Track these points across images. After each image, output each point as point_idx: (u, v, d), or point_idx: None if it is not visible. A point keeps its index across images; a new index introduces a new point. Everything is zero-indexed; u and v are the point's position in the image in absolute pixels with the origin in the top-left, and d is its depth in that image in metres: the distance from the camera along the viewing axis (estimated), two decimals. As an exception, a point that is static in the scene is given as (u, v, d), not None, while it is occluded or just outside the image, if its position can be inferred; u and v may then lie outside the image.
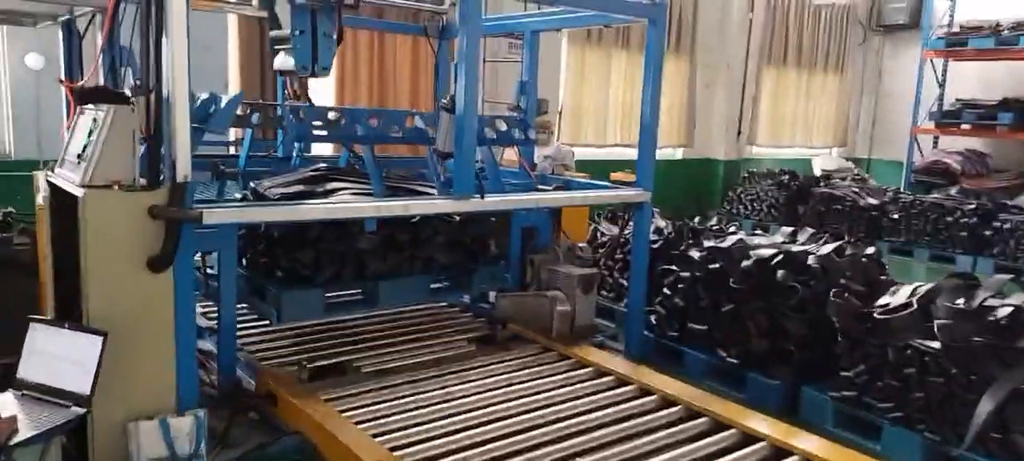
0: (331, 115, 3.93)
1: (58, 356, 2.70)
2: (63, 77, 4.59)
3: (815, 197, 10.06)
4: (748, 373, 4.45)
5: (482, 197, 3.88)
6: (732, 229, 5.77)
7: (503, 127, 4.55)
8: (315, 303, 4.11)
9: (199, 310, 4.61)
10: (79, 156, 2.94)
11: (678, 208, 11.57)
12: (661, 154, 11.31)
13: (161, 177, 2.96)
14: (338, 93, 8.11)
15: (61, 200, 2.90)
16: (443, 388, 3.92)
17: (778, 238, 5.31)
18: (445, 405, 3.70)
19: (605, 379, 4.15)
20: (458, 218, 4.58)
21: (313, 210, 3.43)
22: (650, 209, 4.82)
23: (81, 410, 2.64)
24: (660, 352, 5.02)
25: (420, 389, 3.89)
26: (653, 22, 4.58)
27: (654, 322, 5.11)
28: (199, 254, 4.44)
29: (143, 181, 2.96)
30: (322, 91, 8.22)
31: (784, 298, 4.39)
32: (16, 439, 2.47)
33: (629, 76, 10.70)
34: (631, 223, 4.95)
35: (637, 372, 4.17)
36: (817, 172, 12.06)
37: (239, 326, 4.54)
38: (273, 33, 3.56)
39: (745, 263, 4.56)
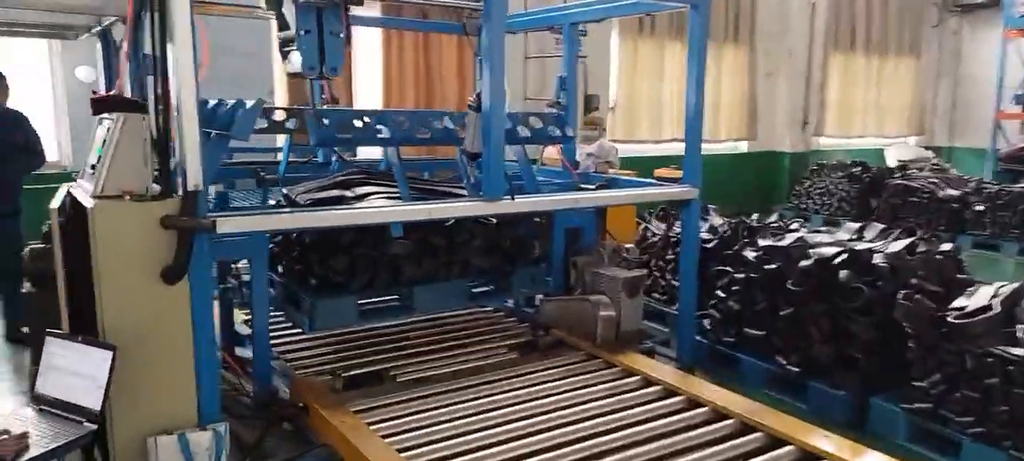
0: (356, 118, 3.79)
1: (72, 371, 2.64)
2: (103, 88, 4.61)
3: (889, 189, 9.47)
4: (810, 382, 4.11)
5: (512, 198, 3.68)
6: (794, 226, 5.41)
7: (538, 124, 4.33)
8: (348, 310, 3.98)
9: (242, 318, 4.61)
10: (93, 167, 2.88)
11: (743, 204, 11.11)
12: (723, 148, 11.05)
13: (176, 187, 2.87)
14: (384, 95, 8.06)
15: (77, 211, 2.83)
16: (479, 398, 3.74)
17: (843, 235, 4.94)
18: (479, 417, 3.51)
19: (652, 389, 3.89)
20: (494, 220, 4.40)
21: (330, 216, 3.30)
22: (698, 207, 4.53)
23: (92, 426, 2.56)
24: (715, 359, 4.72)
25: (455, 399, 3.71)
26: (695, 7, 4.30)
27: (708, 327, 4.81)
28: (237, 262, 4.45)
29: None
30: (369, 94, 8.20)
31: (848, 300, 4.04)
32: (25, 457, 2.40)
33: (684, 67, 10.29)
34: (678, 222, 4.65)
35: (687, 382, 3.90)
36: (891, 162, 11.40)
37: (281, 334, 4.52)
38: (281, 34, 3.44)
39: (804, 263, 4.22)
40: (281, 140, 6.09)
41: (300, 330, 4.46)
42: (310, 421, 3.55)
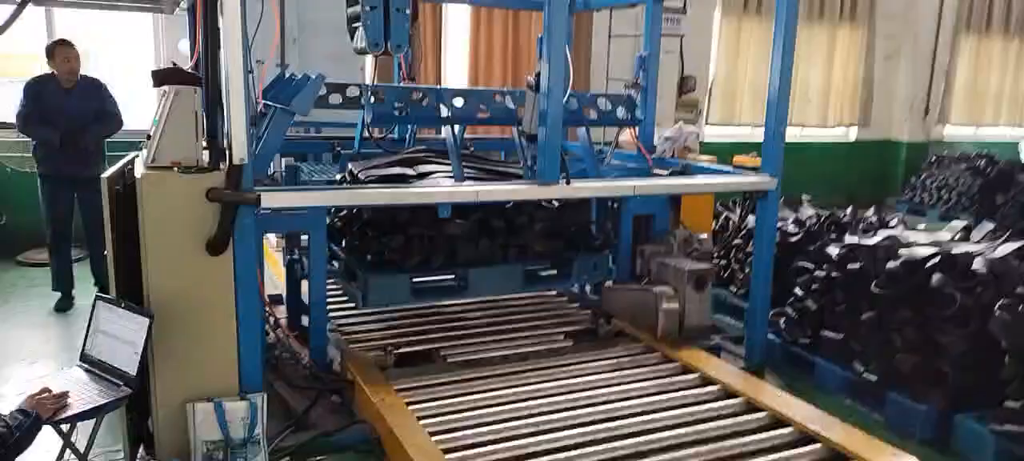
0: (415, 95, 3.74)
1: (116, 335, 2.75)
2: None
3: (1018, 185, 8.59)
4: (890, 393, 3.76)
5: (567, 182, 3.54)
6: (893, 222, 4.98)
7: (606, 106, 4.15)
8: (401, 289, 3.98)
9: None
10: (148, 138, 2.98)
11: (851, 196, 10.44)
12: (830, 135, 10.35)
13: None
14: (471, 73, 8.03)
15: (131, 180, 2.94)
16: (524, 385, 3.66)
17: (944, 234, 4.49)
18: (519, 405, 3.43)
19: (709, 389, 3.68)
20: (556, 204, 4.27)
21: (370, 194, 3.28)
22: (777, 197, 4.22)
23: (128, 390, 2.66)
24: (788, 361, 4.42)
25: (500, 385, 3.65)
26: (784, -20, 3.98)
27: (783, 326, 4.50)
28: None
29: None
30: (455, 72, 8.20)
31: (940, 308, 3.66)
32: (63, 415, 2.52)
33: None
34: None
35: (748, 384, 3.66)
36: (1024, 156, 10.35)
37: (345, 308, 4.58)
38: (349, 10, 3.41)
39: (892, 264, 3.86)
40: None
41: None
42: (355, 396, 3.58)
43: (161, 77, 3.07)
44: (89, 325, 2.85)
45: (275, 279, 4.90)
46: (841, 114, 10.28)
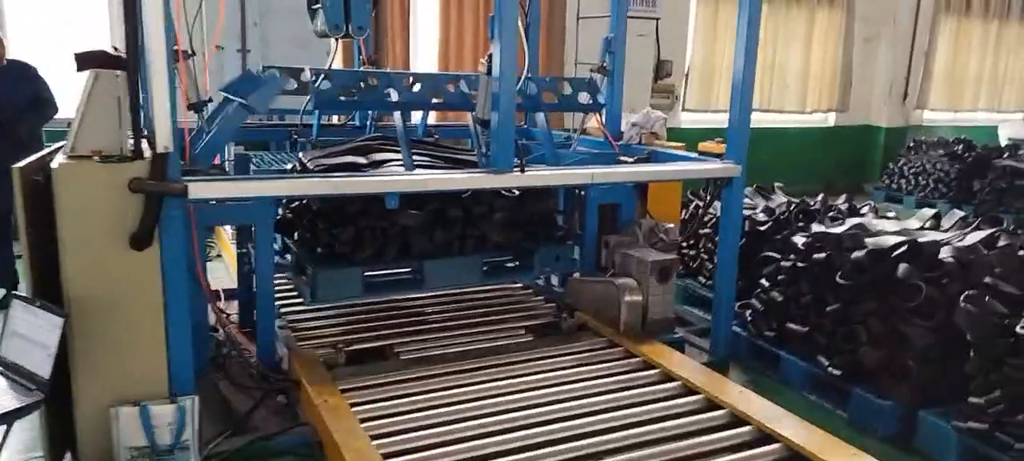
0: (364, 80, 3.57)
1: (30, 336, 2.58)
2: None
3: (996, 171, 8.53)
4: (854, 388, 3.66)
5: (522, 170, 3.39)
6: (864, 209, 4.86)
7: (566, 91, 3.99)
8: (353, 283, 3.82)
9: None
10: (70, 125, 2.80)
11: (829, 182, 10.38)
12: (809, 120, 10.26)
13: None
14: (441, 59, 7.85)
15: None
16: (481, 383, 3.52)
17: (913, 222, 4.38)
18: (474, 404, 3.29)
19: (669, 385, 3.55)
20: (516, 193, 4.12)
21: (313, 184, 3.11)
22: (742, 185, 4.09)
23: (40, 395, 2.50)
24: (753, 354, 4.31)
25: (453, 383, 3.50)
26: (749, -38, 3.83)
27: (749, 319, 4.38)
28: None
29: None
30: (425, 57, 8.01)
31: (905, 299, 3.55)
32: (-34, 423, 2.36)
33: (771, 32, 9.62)
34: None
35: (710, 380, 3.54)
36: (1003, 141, 10.30)
37: (298, 303, 4.42)
38: None
39: (857, 254, 3.74)
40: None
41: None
42: (300, 396, 3.43)
43: (84, 60, 2.89)
44: (3, 326, 2.68)
45: (232, 272, 4.73)
46: (819, 99, 10.19)
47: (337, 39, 3.52)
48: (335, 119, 5.38)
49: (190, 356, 2.94)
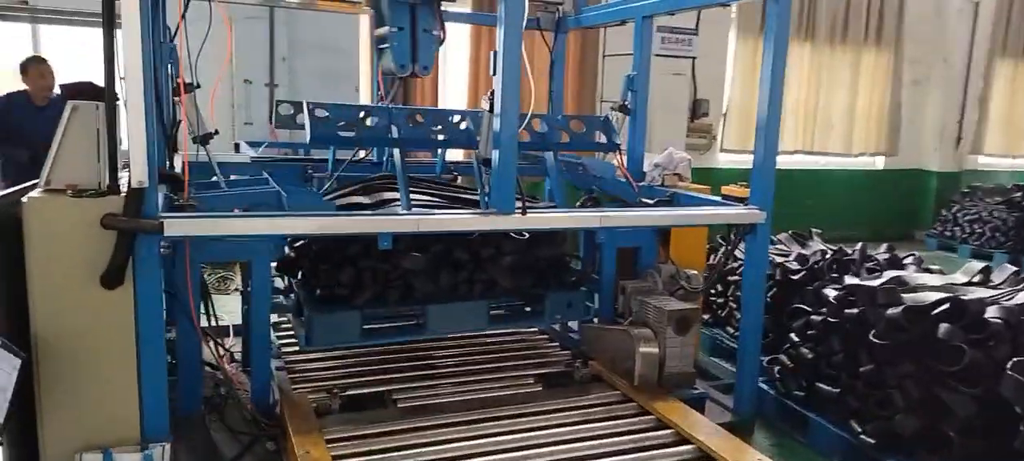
0: (361, 114, 3.44)
1: (-9, 377, 2.46)
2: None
3: (1057, 220, 8.01)
4: (888, 459, 3.31)
5: (523, 213, 3.19)
6: (908, 259, 4.52)
7: (579, 129, 3.80)
8: (351, 327, 3.65)
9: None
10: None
11: (878, 228, 9.92)
12: (855, 163, 9.85)
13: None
14: (470, 95, 7.75)
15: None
16: (476, 437, 3.29)
17: (959, 277, 4.03)
18: (462, 461, 3.07)
19: (682, 448, 3.27)
20: (526, 235, 3.92)
21: (297, 223, 2.96)
22: (768, 232, 3.82)
23: (-9, 441, 2.37)
24: (782, 415, 3.99)
25: (451, 435, 3.28)
26: (775, -2, 3.61)
27: (777, 375, 4.07)
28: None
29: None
30: (454, 94, 7.92)
31: (946, 363, 3.22)
32: (-87, 470, 2.24)
33: (814, 73, 9.30)
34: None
35: (727, 445, 3.23)
36: (1066, 189, 9.70)
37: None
38: (377, 31, 3.26)
39: (893, 311, 3.42)
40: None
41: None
42: (285, 445, 3.25)
43: (70, 92, 2.81)
44: None
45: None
46: (866, 142, 9.79)
47: (401, 78, 3.50)
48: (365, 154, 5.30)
49: (164, 401, 2.78)
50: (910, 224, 10.09)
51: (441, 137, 3.59)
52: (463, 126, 3.68)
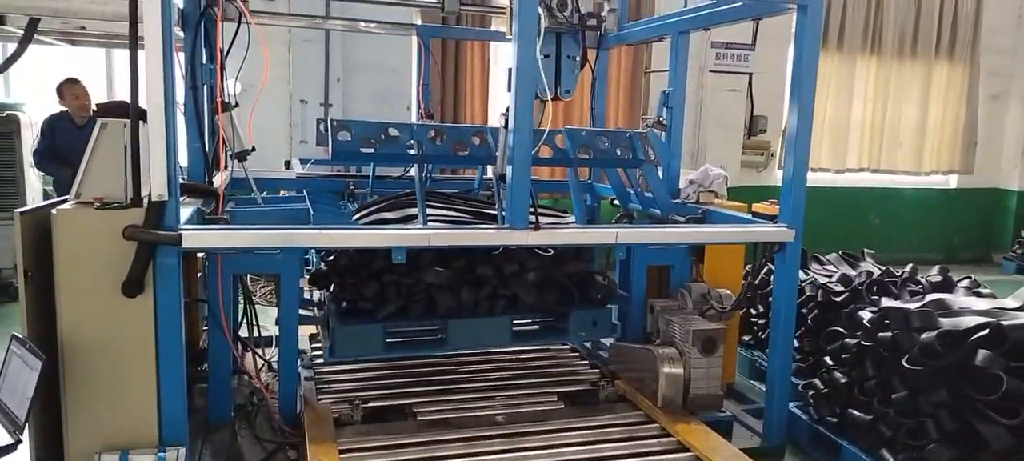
0: (385, 132, 3.52)
1: (16, 378, 2.62)
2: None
3: None
4: (920, 492, 3.14)
5: (536, 228, 3.19)
6: (963, 282, 4.28)
7: (605, 145, 3.78)
8: (374, 340, 3.71)
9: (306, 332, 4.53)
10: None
11: (952, 250, 9.45)
12: (926, 182, 9.42)
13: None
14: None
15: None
16: (491, 453, 3.29)
17: (1010, 302, 3.79)
18: (475, 480, 3.07)
19: (700, 473, 3.19)
20: (550, 251, 3.91)
21: (310, 236, 3.03)
22: (798, 251, 3.69)
23: (9, 440, 2.52)
24: (814, 441, 3.82)
25: (465, 451, 3.30)
26: (803, 8, 3.52)
27: (811, 400, 3.91)
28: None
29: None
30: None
31: (983, 391, 3.03)
32: (-58, 462, 2.40)
33: (881, 87, 8.95)
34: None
35: (748, 471, 3.14)
36: None
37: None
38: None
39: (927, 335, 3.25)
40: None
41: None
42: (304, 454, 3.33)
43: (104, 110, 2.99)
44: (2, 365, 2.74)
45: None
46: (937, 160, 9.33)
47: (544, 101, 3.62)
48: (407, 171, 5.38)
49: (182, 407, 2.90)
50: (988, 246, 9.56)
51: (462, 153, 3.62)
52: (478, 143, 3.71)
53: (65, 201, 2.87)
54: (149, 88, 2.68)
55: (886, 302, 3.66)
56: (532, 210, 3.21)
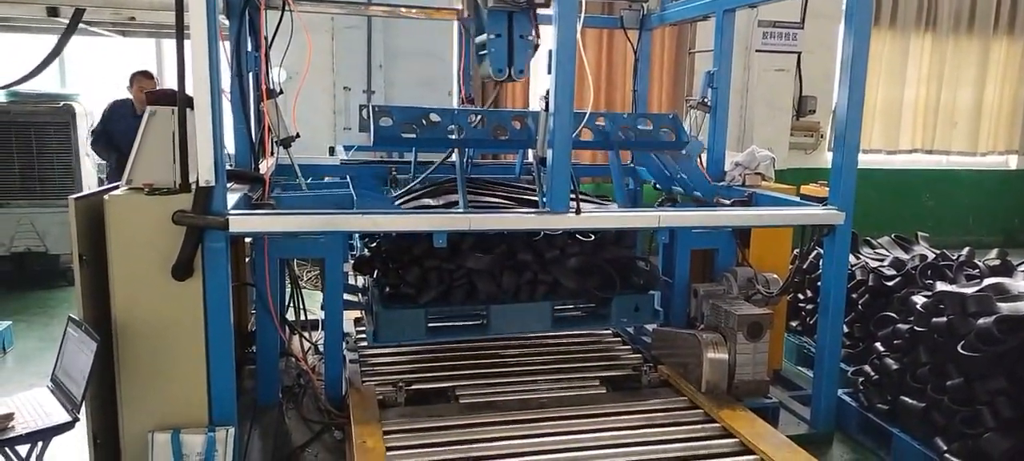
0: (425, 117, 3.53)
1: (74, 358, 2.71)
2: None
3: None
4: (976, 482, 3.04)
5: (577, 212, 3.16)
6: (1023, 267, 4.13)
7: (645, 127, 3.72)
8: (416, 325, 3.74)
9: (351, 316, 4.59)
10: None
11: (1011, 234, 9.13)
12: (982, 163, 9.10)
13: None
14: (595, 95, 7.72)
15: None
16: (533, 436, 3.30)
17: (1077, 286, 3.63)
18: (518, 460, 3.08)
19: (744, 459, 3.14)
20: (592, 236, 3.88)
21: (349, 220, 3.05)
22: (849, 234, 3.59)
23: (66, 418, 2.60)
24: (864, 429, 3.73)
25: (506, 434, 3.31)
26: (855, -19, 3.41)
27: (861, 387, 3.82)
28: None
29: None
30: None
31: (1044, 378, 2.92)
32: (4, 437, 2.50)
33: (936, 66, 8.65)
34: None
35: (793, 457, 3.08)
36: None
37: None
38: (477, 39, 3.38)
39: (984, 321, 3.14)
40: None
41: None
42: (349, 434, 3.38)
43: (153, 98, 3.05)
44: (60, 346, 2.84)
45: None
46: (995, 140, 8.99)
47: (498, 83, 3.59)
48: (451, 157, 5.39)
49: (231, 388, 2.96)
50: (1050, 230, 9.20)
51: (503, 137, 3.61)
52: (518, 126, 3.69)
53: (117, 187, 2.95)
54: (196, 76, 2.72)
55: (941, 287, 3.54)
56: (573, 194, 3.19)
